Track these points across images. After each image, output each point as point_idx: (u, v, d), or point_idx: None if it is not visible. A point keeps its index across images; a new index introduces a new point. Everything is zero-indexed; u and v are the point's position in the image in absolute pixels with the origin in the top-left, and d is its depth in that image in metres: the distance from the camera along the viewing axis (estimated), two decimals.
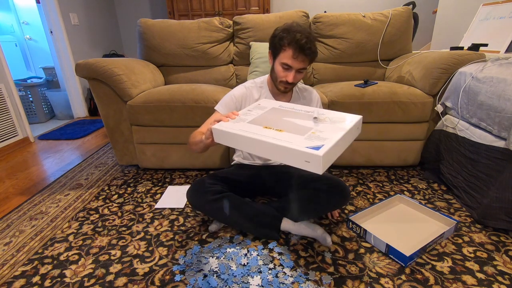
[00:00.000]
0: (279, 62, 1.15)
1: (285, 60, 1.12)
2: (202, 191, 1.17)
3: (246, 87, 1.27)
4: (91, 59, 1.59)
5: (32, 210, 1.44)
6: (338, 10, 3.60)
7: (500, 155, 1.17)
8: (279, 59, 1.14)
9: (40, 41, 3.72)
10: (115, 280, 0.99)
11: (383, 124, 1.63)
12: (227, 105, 1.23)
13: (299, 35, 1.07)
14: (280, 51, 1.13)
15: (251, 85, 1.28)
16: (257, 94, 1.27)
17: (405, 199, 1.36)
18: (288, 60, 1.11)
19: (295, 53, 1.09)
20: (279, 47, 1.13)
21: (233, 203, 1.16)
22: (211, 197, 1.15)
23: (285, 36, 1.10)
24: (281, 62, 1.14)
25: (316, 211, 1.22)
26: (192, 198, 1.19)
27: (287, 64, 1.12)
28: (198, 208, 1.23)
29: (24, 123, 2.48)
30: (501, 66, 1.28)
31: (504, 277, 0.96)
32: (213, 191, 1.17)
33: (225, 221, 1.22)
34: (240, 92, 1.26)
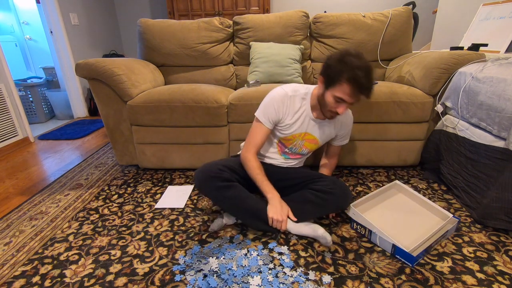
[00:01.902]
0: (332, 93, 1.08)
1: (340, 95, 1.06)
2: (212, 176, 1.16)
3: (289, 96, 1.20)
4: (91, 59, 1.59)
5: (32, 210, 1.44)
6: (338, 10, 3.60)
7: (500, 155, 1.17)
8: (333, 91, 1.07)
9: (40, 41, 3.72)
10: (115, 280, 0.99)
11: (383, 124, 1.63)
12: (268, 117, 1.20)
13: (359, 72, 1.00)
14: (336, 84, 1.06)
15: (294, 94, 1.21)
16: (297, 106, 1.22)
17: (403, 188, 1.36)
18: (344, 96, 1.06)
19: (353, 92, 1.04)
20: (335, 80, 1.05)
21: (239, 194, 1.17)
22: (220, 184, 1.15)
23: (343, 70, 1.02)
24: (335, 95, 1.07)
25: (316, 212, 1.23)
26: (201, 181, 1.17)
27: (342, 98, 1.06)
28: (204, 191, 1.20)
29: (24, 123, 2.48)
30: (501, 66, 1.28)
31: (504, 277, 0.96)
32: (223, 178, 1.16)
33: (228, 210, 1.23)
34: (282, 102, 1.19)
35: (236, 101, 1.59)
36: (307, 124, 1.25)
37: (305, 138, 1.28)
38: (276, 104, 1.19)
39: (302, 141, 1.29)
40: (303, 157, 1.39)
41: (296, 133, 1.26)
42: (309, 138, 1.28)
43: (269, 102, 1.20)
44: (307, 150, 1.32)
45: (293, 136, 1.27)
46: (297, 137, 1.27)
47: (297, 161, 1.37)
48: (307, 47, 2.06)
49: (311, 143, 1.30)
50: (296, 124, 1.24)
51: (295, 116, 1.22)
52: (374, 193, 1.32)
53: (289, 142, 1.29)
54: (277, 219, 1.11)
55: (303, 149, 1.31)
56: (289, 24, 1.99)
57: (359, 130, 1.64)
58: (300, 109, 1.22)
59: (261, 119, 1.21)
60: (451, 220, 1.17)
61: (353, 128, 1.63)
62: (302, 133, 1.26)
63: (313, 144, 1.31)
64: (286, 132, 1.25)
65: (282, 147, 1.32)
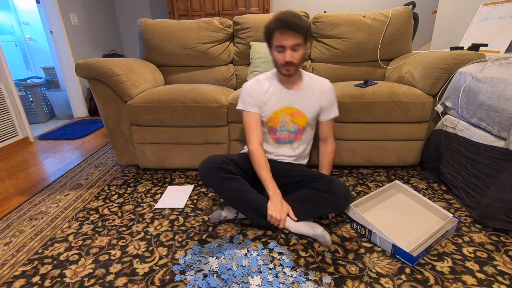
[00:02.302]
0: (274, 48, 1.19)
1: (277, 42, 1.16)
2: (217, 166, 1.18)
3: (257, 80, 1.32)
4: (91, 59, 1.59)
5: (32, 210, 1.44)
6: (338, 10, 3.60)
7: (500, 155, 1.17)
8: (273, 46, 1.18)
9: (40, 41, 3.72)
10: (115, 280, 0.99)
11: (383, 124, 1.63)
12: (248, 103, 1.29)
13: (282, 15, 1.13)
14: (271, 37, 1.17)
15: (263, 77, 1.33)
16: (267, 85, 1.30)
17: (403, 188, 1.36)
18: (279, 42, 1.15)
19: (282, 31, 1.12)
20: (270, 35, 1.17)
21: (241, 187, 1.18)
22: (223, 175, 1.17)
23: (272, 22, 1.15)
24: (275, 47, 1.17)
25: (316, 212, 1.23)
26: (206, 170, 1.19)
27: (280, 45, 1.15)
28: (208, 181, 1.21)
29: (24, 123, 2.48)
30: (501, 66, 1.28)
31: (504, 277, 0.96)
32: (227, 170, 1.19)
33: (230, 202, 1.24)
34: (252, 87, 1.30)
35: (236, 101, 1.58)
36: (282, 97, 1.29)
37: (287, 112, 1.30)
38: (249, 89, 1.30)
39: (286, 116, 1.30)
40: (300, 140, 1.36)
41: (277, 109, 1.29)
42: (292, 112, 1.30)
43: (243, 91, 1.32)
44: (296, 126, 1.32)
45: (276, 114, 1.30)
46: (280, 113, 1.30)
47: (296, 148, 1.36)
48: (307, 47, 2.06)
49: (297, 117, 1.31)
50: (271, 99, 1.29)
51: (268, 93, 1.29)
52: (374, 193, 1.32)
53: (275, 122, 1.31)
54: (275, 217, 1.12)
55: (291, 125, 1.32)
56: None
57: (359, 130, 1.65)
58: (270, 87, 1.30)
59: (244, 108, 1.30)
60: (451, 220, 1.17)
61: (353, 128, 1.64)
62: (284, 107, 1.30)
63: (300, 118, 1.31)
64: (267, 111, 1.29)
65: (273, 133, 1.33)
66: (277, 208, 1.13)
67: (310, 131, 1.39)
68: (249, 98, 1.29)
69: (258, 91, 1.29)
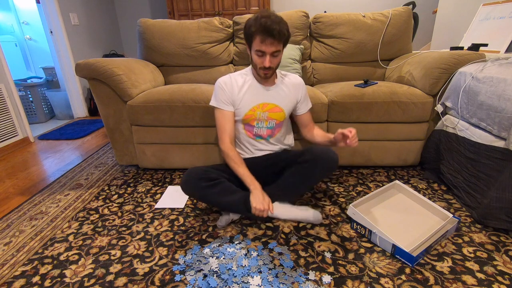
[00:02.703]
0: (253, 51, 1.19)
1: (257, 47, 1.16)
2: (196, 178, 1.19)
3: (230, 76, 1.32)
4: (91, 59, 1.59)
5: (32, 210, 1.44)
6: (338, 10, 3.60)
7: (500, 155, 1.17)
8: (253, 48, 1.18)
9: (40, 41, 3.72)
10: (115, 280, 0.99)
11: (383, 124, 1.63)
12: (221, 100, 1.29)
13: (264, 20, 1.10)
14: (251, 40, 1.17)
15: (236, 73, 1.33)
16: (241, 81, 1.30)
17: (403, 188, 1.36)
18: (259, 46, 1.15)
19: (263, 38, 1.12)
20: (250, 37, 1.17)
21: (226, 190, 1.20)
22: (204, 184, 1.18)
23: (252, 24, 1.14)
24: (254, 50, 1.18)
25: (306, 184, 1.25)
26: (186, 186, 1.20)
27: (260, 50, 1.15)
28: (192, 196, 1.26)
29: (24, 123, 2.48)
30: (501, 66, 1.28)
31: (504, 277, 0.96)
32: (207, 178, 1.19)
33: (220, 207, 1.27)
34: (225, 83, 1.29)
35: None
36: (258, 93, 1.29)
37: (265, 109, 1.30)
38: (222, 85, 1.29)
39: (264, 113, 1.30)
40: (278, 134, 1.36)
41: (253, 105, 1.29)
42: (270, 108, 1.30)
43: (216, 88, 1.31)
44: (274, 121, 1.32)
45: (253, 110, 1.29)
46: (256, 110, 1.29)
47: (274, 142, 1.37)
48: (307, 47, 2.06)
49: (274, 112, 1.31)
50: (246, 96, 1.28)
51: (242, 89, 1.29)
52: (374, 193, 1.32)
53: (252, 119, 1.30)
54: (259, 208, 1.12)
55: (269, 121, 1.32)
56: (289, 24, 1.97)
57: (359, 130, 1.63)
58: (245, 83, 1.30)
59: (216, 105, 1.30)
60: (451, 220, 1.17)
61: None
62: (260, 104, 1.29)
63: (277, 113, 1.32)
64: (243, 108, 1.29)
65: (250, 129, 1.33)
66: (259, 199, 1.14)
67: (286, 125, 1.41)
68: (222, 94, 1.28)
69: (232, 87, 1.29)
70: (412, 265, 1.01)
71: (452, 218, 1.18)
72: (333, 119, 1.64)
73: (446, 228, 1.14)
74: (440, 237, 1.11)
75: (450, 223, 1.16)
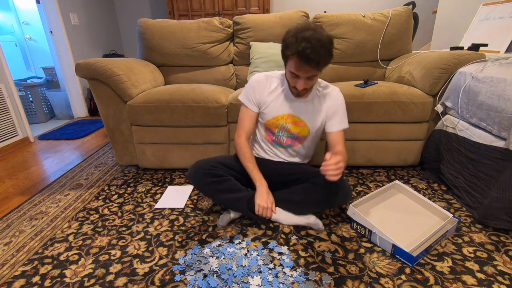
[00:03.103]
0: (288, 69, 1.11)
1: (291, 69, 1.07)
2: (203, 172, 1.19)
3: (267, 76, 1.25)
4: (91, 59, 1.59)
5: (32, 210, 1.44)
6: (338, 10, 3.60)
7: (500, 155, 1.17)
8: (288, 67, 1.10)
9: (40, 41, 3.72)
10: (115, 280, 0.99)
11: (383, 124, 1.63)
12: (249, 98, 1.24)
13: (304, 44, 0.98)
14: (287, 59, 1.08)
15: (274, 75, 1.26)
16: (275, 84, 1.24)
17: (403, 188, 1.36)
18: (293, 70, 1.06)
19: (299, 64, 1.03)
20: (286, 55, 1.08)
21: (230, 188, 1.19)
22: (210, 179, 1.17)
23: (291, 44, 1.02)
24: (289, 70, 1.10)
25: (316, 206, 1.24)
26: (192, 177, 1.21)
27: (294, 73, 1.07)
28: (196, 187, 1.24)
29: (24, 123, 2.48)
30: (501, 66, 1.28)
31: (504, 277, 0.96)
32: (214, 174, 1.18)
33: (223, 204, 1.26)
34: (258, 82, 1.24)
35: (236, 101, 1.59)
36: (288, 104, 1.23)
37: (289, 120, 1.24)
38: (254, 84, 1.23)
39: (287, 124, 1.25)
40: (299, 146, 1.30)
41: (278, 115, 1.24)
42: (294, 121, 1.24)
43: (248, 84, 1.26)
44: (296, 134, 1.26)
45: (276, 119, 1.24)
46: (280, 119, 1.24)
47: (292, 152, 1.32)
48: None
49: (298, 126, 1.25)
50: (274, 102, 1.23)
51: (272, 94, 1.23)
52: (374, 193, 1.32)
53: (273, 126, 1.26)
54: (263, 205, 1.12)
55: (291, 132, 1.26)
56: (289, 24, 1.99)
57: (359, 130, 1.65)
58: (277, 88, 1.23)
59: (244, 101, 1.25)
60: (451, 220, 1.17)
61: (353, 128, 1.64)
62: (285, 115, 1.23)
63: (301, 127, 1.25)
64: (268, 114, 1.24)
65: (270, 134, 1.29)
66: (264, 197, 1.14)
67: (311, 142, 1.32)
68: (252, 93, 1.23)
69: (263, 88, 1.23)
70: (412, 265, 1.01)
71: (452, 218, 1.18)
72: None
73: (446, 228, 1.14)
74: (440, 237, 1.11)
75: (450, 223, 1.16)
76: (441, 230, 1.13)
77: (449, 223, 1.16)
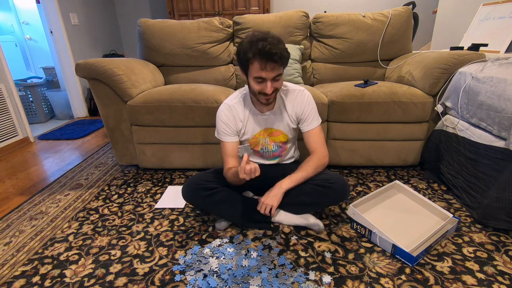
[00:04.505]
0: (251, 77, 1.08)
1: (256, 73, 1.05)
2: (195, 188, 1.20)
3: (229, 106, 1.22)
4: (91, 59, 1.59)
5: (32, 210, 1.44)
6: (338, 10, 3.60)
7: (500, 155, 1.17)
8: (250, 74, 1.08)
9: (40, 41, 3.72)
10: (115, 280, 0.99)
11: (383, 124, 1.63)
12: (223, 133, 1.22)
13: (261, 43, 0.99)
14: (248, 66, 1.06)
15: (234, 101, 1.23)
16: (240, 110, 1.23)
17: (403, 188, 1.36)
18: (259, 73, 1.04)
19: (263, 64, 1.02)
20: (246, 63, 1.06)
21: (225, 199, 1.19)
22: (203, 193, 1.18)
23: (248, 49, 1.02)
24: (253, 77, 1.07)
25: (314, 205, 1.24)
26: (186, 195, 1.23)
27: (260, 77, 1.05)
28: (192, 203, 1.28)
29: (24, 123, 2.48)
30: (501, 66, 1.28)
31: (504, 277, 0.96)
32: (206, 187, 1.19)
33: (218, 214, 1.26)
34: (226, 116, 1.22)
35: None
36: (258, 121, 1.24)
37: (267, 134, 1.26)
38: (223, 119, 1.21)
39: (266, 138, 1.26)
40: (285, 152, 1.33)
41: (255, 133, 1.25)
42: (271, 132, 1.26)
43: (217, 121, 1.24)
44: (277, 145, 1.29)
45: (255, 138, 1.26)
46: (258, 137, 1.26)
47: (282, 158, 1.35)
48: (307, 47, 2.06)
49: (277, 136, 1.27)
50: (248, 125, 1.23)
51: (243, 119, 1.23)
52: (374, 193, 1.32)
53: (256, 144, 1.28)
54: (266, 203, 1.12)
55: (272, 145, 1.28)
56: (289, 24, 1.99)
57: (359, 130, 1.65)
58: (243, 111, 1.23)
59: (220, 137, 1.24)
60: (451, 220, 1.17)
61: (353, 128, 1.64)
62: (262, 131, 1.25)
63: (280, 136, 1.27)
64: (246, 136, 1.25)
65: (257, 152, 1.31)
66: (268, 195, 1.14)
67: (292, 140, 1.34)
68: (225, 128, 1.22)
69: (234, 119, 1.22)
70: (412, 265, 1.01)
71: (452, 218, 1.18)
72: (333, 119, 1.64)
73: (446, 228, 1.14)
74: (440, 237, 1.11)
75: (450, 223, 1.16)
76: (441, 230, 1.12)
77: (449, 223, 1.16)
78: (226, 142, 1.23)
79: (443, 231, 1.13)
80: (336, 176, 1.22)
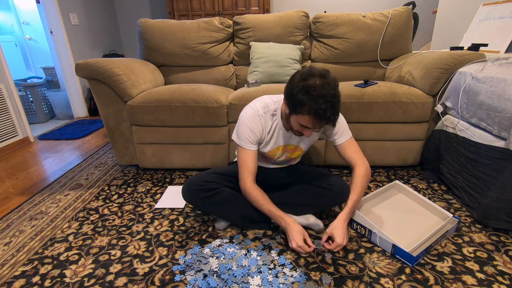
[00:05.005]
0: (296, 119, 1.02)
1: (303, 123, 1.01)
2: (195, 189, 1.19)
3: (260, 116, 1.14)
4: (91, 59, 1.59)
5: (32, 210, 1.44)
6: (338, 10, 3.60)
7: (500, 155, 1.17)
8: (297, 118, 1.01)
9: (40, 41, 3.72)
10: (115, 280, 0.99)
11: (383, 124, 1.63)
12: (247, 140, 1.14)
13: (322, 104, 0.92)
14: (298, 112, 0.99)
15: (264, 111, 1.15)
16: (270, 124, 1.17)
17: (403, 188, 1.37)
18: (306, 124, 1.00)
19: (316, 123, 0.98)
20: (298, 108, 0.98)
21: (225, 200, 1.18)
22: (203, 194, 1.17)
23: (306, 101, 0.94)
24: (298, 121, 1.02)
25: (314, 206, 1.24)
26: (186, 195, 1.22)
27: (306, 127, 1.02)
28: (192, 204, 1.28)
29: (24, 123, 2.48)
30: (501, 66, 1.28)
31: (504, 277, 0.96)
32: (206, 188, 1.18)
33: (218, 215, 1.26)
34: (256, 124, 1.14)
35: (236, 101, 1.59)
36: (282, 137, 1.20)
37: (287, 149, 1.24)
38: (250, 124, 1.13)
39: (283, 153, 1.25)
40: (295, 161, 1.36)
41: (273, 148, 1.22)
42: (290, 149, 1.24)
43: (242, 125, 1.14)
44: (291, 157, 1.29)
45: (272, 152, 1.23)
46: (276, 151, 1.23)
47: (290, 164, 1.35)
48: (307, 47, 2.06)
49: (294, 152, 1.26)
50: (272, 141, 1.20)
51: (270, 133, 1.18)
52: (374, 193, 1.32)
53: (272, 154, 1.26)
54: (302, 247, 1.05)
55: (284, 156, 1.27)
56: (289, 24, 1.99)
57: (359, 130, 1.64)
58: (272, 126, 1.17)
59: (242, 144, 1.15)
60: (451, 220, 1.17)
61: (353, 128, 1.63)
62: (281, 146, 1.22)
63: (297, 152, 1.27)
64: (265, 148, 1.21)
65: (268, 158, 1.29)
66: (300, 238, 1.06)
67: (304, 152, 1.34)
68: (250, 135, 1.13)
69: (262, 130, 1.15)
70: (412, 265, 1.01)
71: (452, 218, 1.18)
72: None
73: (446, 228, 1.14)
74: (440, 237, 1.11)
75: (450, 223, 1.16)
76: (441, 230, 1.12)
77: (449, 223, 1.16)
78: (247, 149, 1.15)
79: (443, 231, 1.13)
80: (336, 178, 1.22)
